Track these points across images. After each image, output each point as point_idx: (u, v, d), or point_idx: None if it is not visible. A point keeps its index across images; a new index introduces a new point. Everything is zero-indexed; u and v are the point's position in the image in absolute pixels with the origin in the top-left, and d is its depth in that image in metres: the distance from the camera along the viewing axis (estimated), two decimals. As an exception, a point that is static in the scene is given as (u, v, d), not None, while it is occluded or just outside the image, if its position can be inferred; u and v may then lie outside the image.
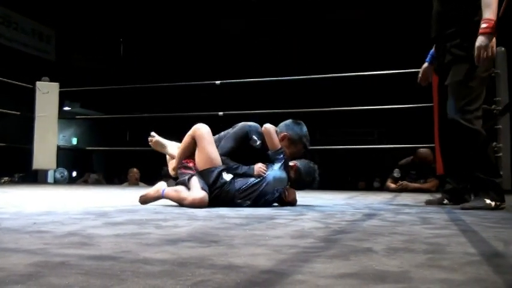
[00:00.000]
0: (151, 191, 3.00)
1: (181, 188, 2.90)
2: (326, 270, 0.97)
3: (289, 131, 3.19)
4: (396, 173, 6.35)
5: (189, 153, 3.05)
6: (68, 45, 12.78)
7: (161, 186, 3.02)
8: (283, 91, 10.11)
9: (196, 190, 2.78)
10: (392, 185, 6.33)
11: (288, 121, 3.26)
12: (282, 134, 3.17)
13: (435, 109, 5.30)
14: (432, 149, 5.62)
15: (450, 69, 3.16)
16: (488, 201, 2.91)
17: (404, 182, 6.12)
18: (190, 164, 2.98)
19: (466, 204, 3.00)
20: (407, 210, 2.78)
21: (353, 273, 0.95)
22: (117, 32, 14.34)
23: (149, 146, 3.42)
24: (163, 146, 3.32)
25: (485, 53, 2.85)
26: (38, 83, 7.24)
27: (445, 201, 3.33)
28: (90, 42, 13.52)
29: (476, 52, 2.87)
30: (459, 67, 3.08)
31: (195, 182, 2.83)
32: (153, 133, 3.37)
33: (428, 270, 1.00)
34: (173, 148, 3.26)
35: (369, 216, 2.37)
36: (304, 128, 3.23)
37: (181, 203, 2.82)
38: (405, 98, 6.44)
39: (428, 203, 3.40)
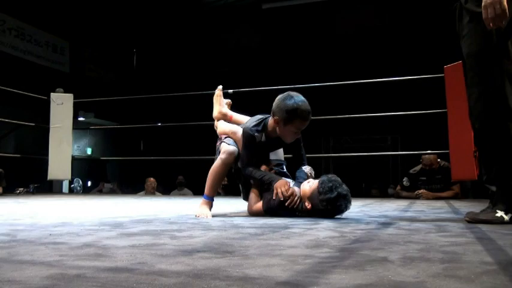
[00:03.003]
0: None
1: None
2: (342, 281, 0.97)
3: (279, 112, 2.84)
4: (405, 182, 6.36)
5: (223, 179, 3.20)
6: (81, 57, 12.89)
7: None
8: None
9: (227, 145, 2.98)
10: (404, 192, 6.34)
11: (277, 99, 2.90)
12: (274, 119, 2.89)
13: (449, 114, 5.26)
14: (446, 155, 5.58)
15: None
16: (499, 213, 2.32)
17: (424, 191, 6.07)
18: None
19: (471, 217, 2.40)
20: (422, 218, 2.76)
21: (369, 284, 0.94)
22: (131, 43, 14.44)
23: (163, 156, 3.45)
24: (220, 105, 3.42)
25: (493, 12, 2.15)
26: (52, 94, 7.32)
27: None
28: (104, 53, 13.62)
29: (483, 13, 2.20)
30: (474, 30, 2.37)
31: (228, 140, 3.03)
32: (220, 87, 3.49)
33: (444, 280, 0.99)
34: (223, 122, 3.34)
35: (384, 224, 2.35)
36: (293, 100, 2.81)
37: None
38: (419, 104, 6.42)
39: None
